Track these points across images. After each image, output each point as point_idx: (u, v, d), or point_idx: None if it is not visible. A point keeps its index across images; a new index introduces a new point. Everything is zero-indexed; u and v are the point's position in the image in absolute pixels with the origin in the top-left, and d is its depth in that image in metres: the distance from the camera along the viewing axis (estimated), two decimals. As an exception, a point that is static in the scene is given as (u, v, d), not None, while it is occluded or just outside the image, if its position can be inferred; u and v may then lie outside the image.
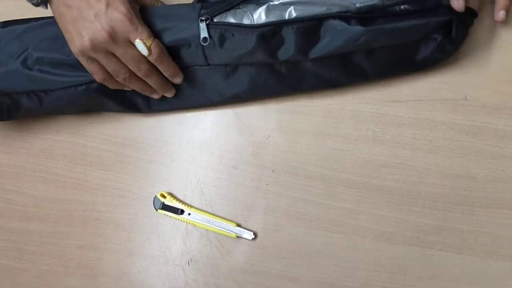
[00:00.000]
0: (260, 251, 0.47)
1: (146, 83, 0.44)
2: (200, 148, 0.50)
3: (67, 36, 0.41)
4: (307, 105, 0.47)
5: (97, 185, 0.51)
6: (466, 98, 0.44)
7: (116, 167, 0.51)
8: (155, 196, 0.49)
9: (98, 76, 0.43)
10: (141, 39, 0.39)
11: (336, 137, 0.46)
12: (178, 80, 0.45)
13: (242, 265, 0.48)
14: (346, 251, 0.46)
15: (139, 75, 0.43)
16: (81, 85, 0.45)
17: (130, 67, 0.42)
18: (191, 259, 0.49)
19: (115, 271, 0.51)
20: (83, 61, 0.42)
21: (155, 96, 0.47)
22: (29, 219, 0.52)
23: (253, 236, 0.47)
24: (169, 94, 0.47)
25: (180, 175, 0.50)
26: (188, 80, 0.46)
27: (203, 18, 0.41)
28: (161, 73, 0.44)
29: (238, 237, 0.47)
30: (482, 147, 0.44)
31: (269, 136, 0.48)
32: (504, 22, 0.42)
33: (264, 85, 0.45)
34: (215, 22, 0.41)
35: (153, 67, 0.43)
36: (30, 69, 0.44)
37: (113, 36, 0.39)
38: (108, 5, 0.39)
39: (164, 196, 0.49)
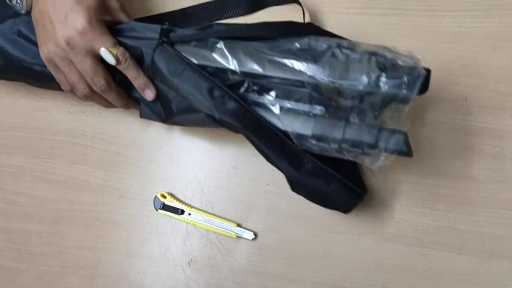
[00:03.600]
0: (260, 251, 0.47)
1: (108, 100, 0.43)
2: (200, 148, 0.50)
3: (38, 42, 0.41)
4: (307, 105, 0.47)
5: (97, 185, 0.51)
6: (466, 99, 0.44)
7: (116, 167, 0.51)
8: (155, 196, 0.49)
9: (64, 86, 0.43)
10: (106, 48, 0.38)
11: (336, 137, 0.46)
12: (149, 94, 0.42)
13: (242, 265, 0.48)
14: (346, 251, 0.46)
15: (96, 90, 0.41)
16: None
17: (88, 80, 0.40)
18: (191, 260, 0.49)
19: (114, 272, 0.50)
20: (50, 68, 0.41)
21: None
22: (29, 219, 0.52)
23: (254, 236, 0.47)
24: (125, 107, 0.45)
25: (180, 175, 0.50)
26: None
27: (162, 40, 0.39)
28: (120, 92, 0.43)
29: (238, 237, 0.47)
30: (483, 147, 0.44)
31: (270, 136, 0.48)
32: None
33: None
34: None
35: (110, 84, 0.41)
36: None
37: (71, 43, 0.38)
38: (71, 11, 0.37)
39: (164, 196, 0.49)
